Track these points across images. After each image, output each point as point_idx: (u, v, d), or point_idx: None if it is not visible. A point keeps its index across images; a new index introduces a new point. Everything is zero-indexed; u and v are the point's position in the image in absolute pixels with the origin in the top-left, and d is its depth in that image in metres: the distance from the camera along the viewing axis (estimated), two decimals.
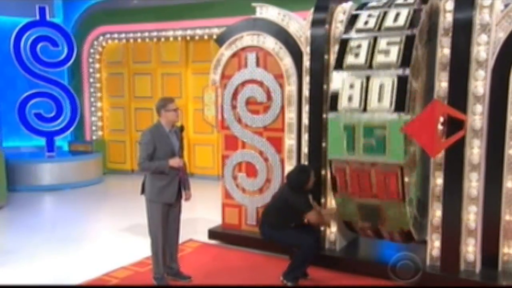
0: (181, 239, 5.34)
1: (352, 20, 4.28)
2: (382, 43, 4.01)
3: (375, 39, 4.05)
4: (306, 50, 4.63)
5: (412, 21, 3.94)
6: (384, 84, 3.89)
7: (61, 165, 8.49)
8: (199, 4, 8.39)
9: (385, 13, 4.14)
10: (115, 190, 8.47)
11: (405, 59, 3.85)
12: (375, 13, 4.19)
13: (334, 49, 4.42)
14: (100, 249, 5.28)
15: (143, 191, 4.14)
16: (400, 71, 3.85)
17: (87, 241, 5.64)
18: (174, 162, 3.97)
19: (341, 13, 4.50)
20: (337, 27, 4.47)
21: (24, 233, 5.86)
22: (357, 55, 4.09)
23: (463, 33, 3.83)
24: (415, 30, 3.89)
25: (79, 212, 7.02)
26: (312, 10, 4.56)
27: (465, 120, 3.85)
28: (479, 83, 3.86)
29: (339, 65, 4.16)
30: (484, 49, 3.83)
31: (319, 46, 4.50)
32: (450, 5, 3.91)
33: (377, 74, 3.96)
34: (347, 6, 4.55)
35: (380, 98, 3.89)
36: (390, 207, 3.99)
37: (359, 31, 4.17)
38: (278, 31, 4.86)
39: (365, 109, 3.95)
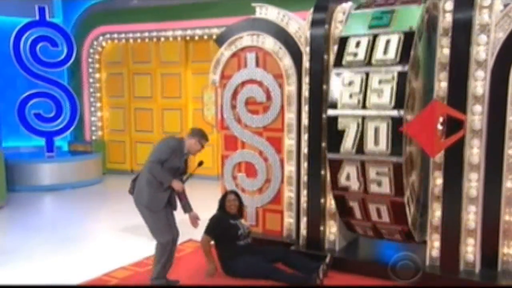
0: (181, 239, 5.35)
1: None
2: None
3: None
4: (305, 50, 4.63)
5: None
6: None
7: (61, 165, 8.49)
8: (199, 4, 8.39)
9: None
10: (115, 190, 8.46)
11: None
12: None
13: (334, 49, 4.42)
14: (99, 249, 5.28)
15: (133, 191, 4.02)
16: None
17: (86, 241, 5.64)
18: (178, 186, 3.91)
19: (340, 13, 4.49)
20: (337, 27, 4.47)
21: (23, 233, 5.86)
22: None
23: (462, 33, 3.83)
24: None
25: (79, 212, 7.02)
26: (311, 10, 4.56)
27: (464, 120, 3.85)
28: (479, 83, 3.86)
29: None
30: (483, 49, 3.83)
31: (318, 46, 4.49)
32: (449, 5, 3.91)
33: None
34: (346, 6, 4.54)
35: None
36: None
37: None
38: (277, 31, 4.86)
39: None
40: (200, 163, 4.26)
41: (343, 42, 4.21)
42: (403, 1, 4.14)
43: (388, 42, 3.97)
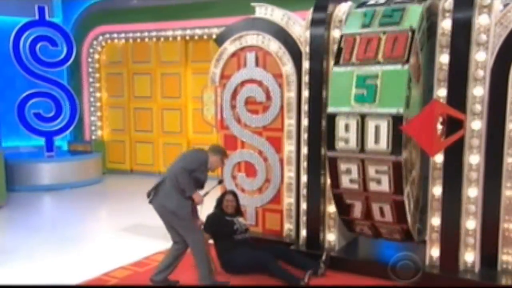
0: None
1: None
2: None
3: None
4: (305, 50, 4.63)
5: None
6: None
7: (61, 165, 8.49)
8: (199, 4, 8.39)
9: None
10: (115, 190, 8.47)
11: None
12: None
13: (333, 49, 4.42)
14: (99, 249, 5.28)
15: (152, 194, 4.02)
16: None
17: (86, 241, 5.64)
18: (199, 199, 3.98)
19: (340, 13, 4.49)
20: (337, 27, 4.47)
21: (23, 233, 5.85)
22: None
23: (462, 33, 3.83)
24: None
25: (79, 212, 7.02)
26: (311, 10, 4.56)
27: (464, 120, 3.85)
28: (478, 83, 3.86)
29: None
30: (483, 49, 3.83)
31: (318, 46, 4.49)
32: (449, 5, 3.91)
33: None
34: (346, 6, 4.54)
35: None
36: (390, 76, 3.89)
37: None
38: (278, 32, 4.85)
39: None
40: (220, 182, 4.46)
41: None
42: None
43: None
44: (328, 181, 4.41)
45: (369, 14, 4.17)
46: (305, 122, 4.66)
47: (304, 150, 4.69)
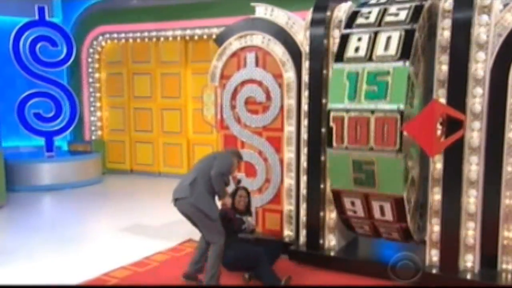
0: (180, 239, 5.37)
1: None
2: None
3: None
4: (305, 50, 4.63)
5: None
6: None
7: (61, 165, 8.49)
8: (198, 4, 8.39)
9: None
10: (115, 190, 8.47)
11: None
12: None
13: (333, 48, 4.42)
14: (99, 249, 5.28)
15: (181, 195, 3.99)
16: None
17: (86, 241, 5.65)
18: (228, 201, 4.21)
19: (340, 13, 4.49)
20: (336, 27, 4.47)
21: (23, 233, 5.86)
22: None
23: (462, 33, 3.83)
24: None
25: (79, 212, 7.02)
26: (311, 10, 4.56)
27: (464, 120, 3.85)
28: (478, 83, 3.87)
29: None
30: (483, 49, 3.84)
31: (318, 46, 4.49)
32: (449, 5, 3.91)
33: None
34: (346, 6, 4.55)
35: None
36: (385, 163, 3.94)
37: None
38: (279, 32, 4.85)
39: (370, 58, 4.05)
40: (239, 182, 4.48)
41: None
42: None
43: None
44: (328, 183, 4.43)
45: (352, 78, 4.10)
46: (305, 122, 4.66)
47: (304, 153, 4.68)
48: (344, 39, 4.28)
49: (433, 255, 4.13)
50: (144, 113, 9.46)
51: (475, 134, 3.90)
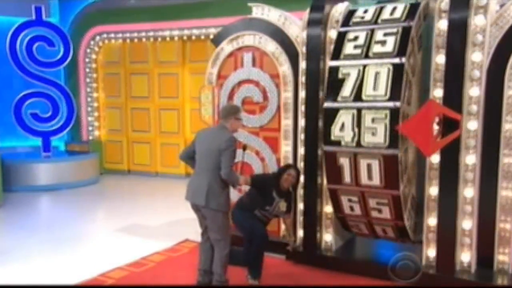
0: (177, 239, 5.36)
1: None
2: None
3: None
4: (302, 50, 4.63)
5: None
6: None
7: (58, 165, 8.47)
8: (196, 4, 8.38)
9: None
10: (112, 190, 8.46)
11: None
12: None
13: (330, 49, 4.43)
14: (96, 250, 5.27)
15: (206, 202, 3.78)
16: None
17: (83, 241, 5.64)
18: (245, 181, 3.98)
19: (336, 13, 4.50)
20: (333, 27, 4.48)
21: (20, 234, 5.84)
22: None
23: (458, 34, 3.84)
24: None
25: (76, 213, 7.01)
26: (308, 10, 4.57)
27: (460, 120, 3.86)
28: (474, 83, 3.87)
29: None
30: (479, 49, 3.84)
31: (315, 46, 4.50)
32: (445, 6, 3.91)
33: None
34: (342, 6, 4.55)
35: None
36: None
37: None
38: (275, 32, 4.85)
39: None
40: (245, 147, 4.29)
41: (351, 12, 4.38)
42: None
43: (394, 8, 4.16)
44: (325, 180, 4.42)
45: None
46: (302, 122, 4.66)
47: (301, 150, 4.69)
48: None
49: (430, 255, 4.14)
50: (142, 113, 9.45)
51: (471, 133, 3.90)
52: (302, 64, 4.63)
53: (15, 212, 6.92)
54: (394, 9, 4.18)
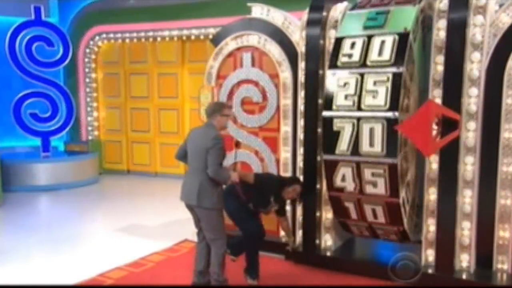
0: (177, 239, 5.36)
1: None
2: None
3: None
4: (301, 50, 4.63)
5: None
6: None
7: (57, 165, 8.46)
8: (195, 4, 8.38)
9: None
10: (111, 191, 8.45)
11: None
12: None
13: (329, 49, 4.42)
14: (95, 250, 5.27)
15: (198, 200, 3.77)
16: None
17: (82, 241, 5.64)
18: (235, 176, 3.91)
19: (336, 13, 4.49)
20: (332, 27, 4.47)
21: (19, 233, 5.84)
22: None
23: (457, 34, 3.84)
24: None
25: (75, 213, 7.01)
26: (307, 10, 4.56)
27: (459, 121, 3.86)
28: (473, 83, 3.87)
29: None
30: (478, 49, 3.84)
31: (314, 46, 4.49)
32: (444, 6, 3.91)
33: None
34: (342, 6, 4.55)
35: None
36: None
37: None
38: (274, 32, 4.85)
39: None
40: (237, 144, 4.27)
41: (338, 42, 4.20)
42: (398, 1, 4.14)
43: (383, 43, 3.96)
44: (324, 184, 4.43)
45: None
46: (301, 124, 4.66)
47: (300, 153, 4.68)
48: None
49: (429, 255, 4.14)
50: (141, 113, 9.44)
51: (470, 134, 3.90)
52: (301, 64, 4.62)
53: (15, 212, 6.91)
54: (383, 44, 3.96)
